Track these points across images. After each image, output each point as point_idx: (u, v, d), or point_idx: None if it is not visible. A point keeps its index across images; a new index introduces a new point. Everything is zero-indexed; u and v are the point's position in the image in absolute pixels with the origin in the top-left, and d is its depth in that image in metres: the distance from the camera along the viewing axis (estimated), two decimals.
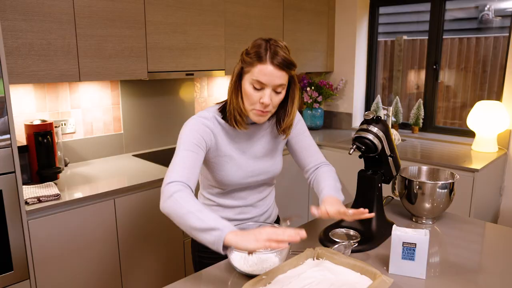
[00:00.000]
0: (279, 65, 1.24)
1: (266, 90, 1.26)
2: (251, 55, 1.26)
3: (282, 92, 1.30)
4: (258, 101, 1.27)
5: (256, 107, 1.29)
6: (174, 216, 1.16)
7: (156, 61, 2.39)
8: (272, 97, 1.27)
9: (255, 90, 1.27)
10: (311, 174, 1.52)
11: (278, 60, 1.23)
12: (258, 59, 1.24)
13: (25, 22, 1.89)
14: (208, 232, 1.09)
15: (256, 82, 1.25)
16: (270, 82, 1.25)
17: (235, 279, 1.20)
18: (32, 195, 1.85)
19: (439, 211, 1.58)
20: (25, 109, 2.26)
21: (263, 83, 1.25)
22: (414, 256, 1.21)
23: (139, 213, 2.16)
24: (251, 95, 1.27)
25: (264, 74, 1.24)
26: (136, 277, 2.21)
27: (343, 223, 1.50)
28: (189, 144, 1.29)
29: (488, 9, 3.16)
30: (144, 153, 2.75)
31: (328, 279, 1.15)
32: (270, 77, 1.24)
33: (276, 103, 1.31)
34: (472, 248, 1.40)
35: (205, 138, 1.32)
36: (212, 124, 1.35)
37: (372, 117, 1.44)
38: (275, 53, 1.24)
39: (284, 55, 1.25)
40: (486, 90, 3.19)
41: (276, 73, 1.24)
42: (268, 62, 1.24)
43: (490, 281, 1.19)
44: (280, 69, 1.24)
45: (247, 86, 1.28)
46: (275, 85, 1.26)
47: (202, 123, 1.33)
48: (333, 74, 3.76)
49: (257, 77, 1.25)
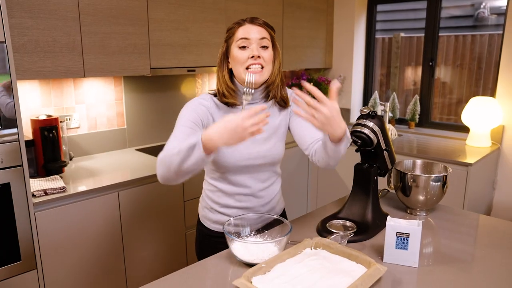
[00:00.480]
0: (257, 23, 1.39)
1: (252, 45, 1.36)
2: (231, 26, 1.42)
3: (269, 48, 1.39)
4: (248, 58, 1.36)
5: (247, 64, 1.36)
6: (166, 170, 1.21)
7: (158, 58, 2.44)
8: (260, 52, 1.37)
9: (242, 49, 1.37)
10: (311, 148, 1.43)
11: (256, 20, 1.39)
12: (238, 24, 1.40)
13: (31, 19, 1.94)
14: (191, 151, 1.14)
15: (241, 40, 1.37)
16: (253, 36, 1.36)
17: (235, 268, 1.24)
18: (38, 188, 1.91)
19: (432, 203, 1.63)
20: (31, 104, 2.32)
21: (247, 38, 1.36)
22: (407, 245, 1.26)
23: (142, 205, 2.22)
24: (240, 56, 1.37)
25: (246, 31, 1.37)
26: (139, 267, 2.27)
27: (340, 214, 1.56)
28: (186, 121, 1.38)
29: (484, 7, 3.20)
30: (146, 147, 2.81)
31: (325, 267, 1.19)
32: (252, 32, 1.37)
33: (267, 58, 1.38)
34: (464, 238, 1.45)
35: (201, 117, 1.40)
36: (209, 104, 1.43)
37: (368, 112, 1.49)
38: (253, 18, 1.40)
39: (262, 19, 1.41)
40: (481, 86, 3.25)
41: (256, 28, 1.38)
42: (247, 23, 1.39)
43: (481, 270, 1.24)
44: (259, 25, 1.39)
45: (235, 51, 1.38)
46: (258, 39, 1.37)
47: (199, 103, 1.42)
48: (332, 70, 3.82)
49: (241, 35, 1.37)
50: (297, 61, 3.39)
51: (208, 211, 1.56)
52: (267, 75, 1.40)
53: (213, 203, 1.54)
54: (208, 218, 1.57)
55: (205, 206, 1.58)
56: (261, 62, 1.37)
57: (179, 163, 1.18)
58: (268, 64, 1.39)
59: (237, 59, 1.37)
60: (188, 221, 2.44)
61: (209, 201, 1.55)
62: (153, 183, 2.24)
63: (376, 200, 1.54)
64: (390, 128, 3.06)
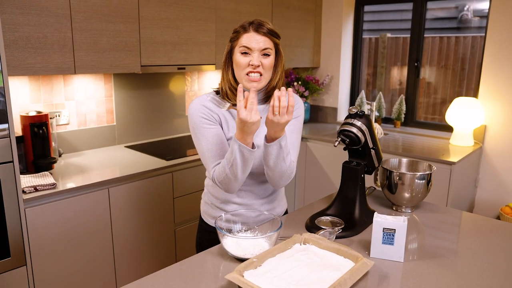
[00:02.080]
0: (262, 31, 1.40)
1: (253, 53, 1.39)
2: (237, 29, 1.44)
3: (270, 56, 1.42)
4: (248, 64, 1.40)
5: (246, 70, 1.40)
6: (234, 180, 1.38)
7: (149, 55, 2.45)
8: (261, 59, 1.40)
9: (243, 55, 1.40)
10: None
11: (261, 28, 1.40)
12: (243, 29, 1.42)
13: (22, 15, 1.94)
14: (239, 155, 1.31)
15: (243, 47, 1.40)
16: (255, 46, 1.39)
17: (227, 263, 1.27)
18: (28, 184, 1.91)
19: (417, 200, 1.69)
20: (20, 100, 2.31)
21: (249, 47, 1.39)
22: (393, 241, 1.30)
23: (132, 202, 2.23)
24: (241, 61, 1.40)
25: (249, 40, 1.39)
26: (129, 264, 2.29)
27: (329, 211, 1.60)
28: (205, 131, 1.44)
29: (467, 9, 3.28)
30: (136, 144, 2.82)
31: (314, 261, 1.23)
32: (255, 41, 1.39)
33: (267, 65, 1.41)
34: (447, 235, 1.51)
35: (208, 117, 1.45)
36: (209, 104, 1.47)
37: (356, 112, 1.53)
38: (259, 25, 1.41)
39: (268, 25, 1.42)
40: (464, 87, 3.33)
41: (260, 38, 1.40)
42: (252, 31, 1.40)
43: (464, 265, 1.29)
44: (263, 35, 1.40)
45: (237, 56, 1.42)
46: (260, 48, 1.39)
47: (200, 108, 1.46)
48: (320, 69, 3.86)
49: (244, 43, 1.40)
50: (286, 60, 3.42)
51: (209, 206, 1.60)
52: (265, 82, 1.44)
53: (214, 198, 1.57)
54: (208, 213, 1.60)
55: (206, 201, 1.62)
56: (260, 70, 1.40)
57: (241, 170, 1.35)
58: (267, 71, 1.42)
59: (238, 64, 1.41)
60: (177, 218, 2.46)
61: (210, 196, 1.59)
62: (143, 179, 2.25)
63: (363, 197, 1.59)
64: (376, 127, 3.12)
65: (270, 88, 1.48)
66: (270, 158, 1.36)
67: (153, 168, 2.28)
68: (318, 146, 3.26)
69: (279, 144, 1.34)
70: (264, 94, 1.50)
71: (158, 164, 2.35)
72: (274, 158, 1.36)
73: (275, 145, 1.34)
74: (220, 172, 1.39)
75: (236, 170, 1.34)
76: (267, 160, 1.38)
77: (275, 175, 1.42)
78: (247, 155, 1.32)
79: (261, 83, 1.42)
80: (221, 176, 1.39)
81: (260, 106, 1.50)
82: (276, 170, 1.39)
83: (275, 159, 1.36)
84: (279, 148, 1.34)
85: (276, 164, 1.38)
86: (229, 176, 1.37)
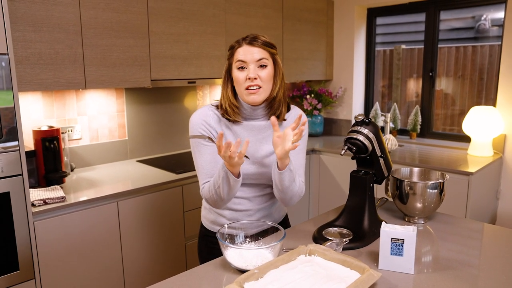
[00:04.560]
0: (255, 43, 1.41)
1: (250, 66, 1.40)
2: (232, 45, 1.46)
3: (267, 67, 1.42)
4: (246, 78, 1.40)
5: (245, 85, 1.40)
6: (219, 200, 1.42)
7: (159, 70, 2.48)
8: (258, 72, 1.40)
9: (240, 70, 1.41)
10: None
11: (255, 41, 1.41)
12: (238, 44, 1.44)
13: (35, 33, 1.99)
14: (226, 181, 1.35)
15: (239, 62, 1.41)
16: (250, 58, 1.39)
17: (229, 274, 1.24)
18: (38, 197, 1.93)
19: (430, 211, 1.62)
20: (33, 115, 2.35)
21: (244, 61, 1.40)
22: (402, 251, 1.25)
23: (142, 215, 2.22)
24: (239, 76, 1.41)
25: (244, 53, 1.40)
26: (138, 278, 2.26)
27: (337, 222, 1.55)
28: (201, 147, 1.45)
29: (485, 19, 3.22)
30: (148, 158, 2.83)
31: (318, 273, 1.19)
32: (249, 53, 1.40)
33: (264, 77, 1.41)
34: (462, 246, 1.44)
35: (213, 134, 1.47)
36: (210, 119, 1.48)
37: (362, 119, 1.50)
38: (253, 38, 1.42)
39: (262, 38, 1.42)
40: (483, 97, 3.25)
41: (253, 49, 1.40)
42: (245, 44, 1.42)
43: (478, 277, 1.23)
44: (257, 46, 1.40)
45: (235, 72, 1.43)
46: (255, 60, 1.39)
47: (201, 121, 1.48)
48: (332, 82, 3.84)
49: (239, 57, 1.41)
50: (298, 73, 3.42)
51: (208, 211, 1.61)
52: (264, 94, 1.43)
53: None
54: (207, 217, 1.62)
55: (204, 205, 1.64)
56: (258, 82, 1.40)
57: (226, 193, 1.38)
58: (266, 83, 1.42)
59: (236, 80, 1.42)
60: (188, 232, 2.44)
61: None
62: (152, 193, 2.25)
63: (372, 207, 1.54)
64: (391, 139, 3.05)
65: (270, 99, 1.47)
66: (283, 183, 1.39)
67: (164, 181, 2.28)
68: (332, 158, 3.21)
69: (289, 170, 1.37)
70: (265, 108, 1.48)
71: (168, 177, 2.34)
72: (287, 183, 1.39)
73: (286, 171, 1.37)
74: (207, 191, 1.43)
75: (222, 192, 1.38)
76: (281, 184, 1.40)
77: (286, 197, 1.45)
78: (232, 183, 1.35)
79: (260, 95, 1.42)
80: (208, 194, 1.43)
81: (261, 123, 1.50)
82: (288, 193, 1.43)
83: (288, 183, 1.39)
84: (290, 172, 1.38)
85: (288, 187, 1.41)
86: (214, 197, 1.41)
